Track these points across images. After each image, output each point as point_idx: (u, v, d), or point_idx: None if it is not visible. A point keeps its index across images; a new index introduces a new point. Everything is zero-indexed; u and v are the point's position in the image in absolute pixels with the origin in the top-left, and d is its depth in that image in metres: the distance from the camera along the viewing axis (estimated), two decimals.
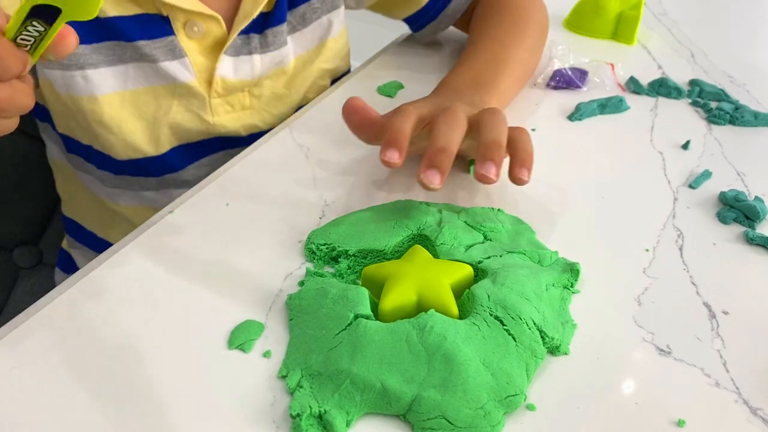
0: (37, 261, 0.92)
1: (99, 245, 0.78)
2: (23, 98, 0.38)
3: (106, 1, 0.58)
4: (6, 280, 0.95)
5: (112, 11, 0.60)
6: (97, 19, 0.55)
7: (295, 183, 0.59)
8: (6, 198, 0.89)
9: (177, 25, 0.62)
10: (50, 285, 0.85)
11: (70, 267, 0.84)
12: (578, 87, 0.75)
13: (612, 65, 0.79)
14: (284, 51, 0.70)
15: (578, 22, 0.90)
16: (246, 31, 0.66)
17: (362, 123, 0.55)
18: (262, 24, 0.67)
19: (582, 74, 0.76)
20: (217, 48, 0.65)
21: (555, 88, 0.75)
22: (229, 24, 0.65)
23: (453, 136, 0.51)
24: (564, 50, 0.79)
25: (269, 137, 0.66)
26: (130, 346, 0.44)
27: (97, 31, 0.60)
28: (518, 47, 0.71)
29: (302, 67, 0.72)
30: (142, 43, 0.61)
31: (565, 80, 0.75)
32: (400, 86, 0.75)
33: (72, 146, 0.69)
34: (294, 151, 0.64)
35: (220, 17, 0.63)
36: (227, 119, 0.68)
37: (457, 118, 0.52)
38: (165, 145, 0.67)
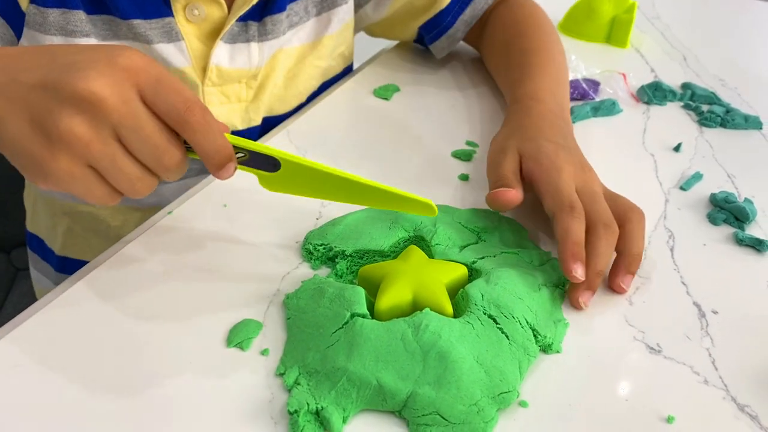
0: None
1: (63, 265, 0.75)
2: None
3: None
4: (3, 281, 0.96)
5: None
6: None
7: None
8: (3, 199, 0.90)
9: (177, 7, 0.61)
10: None
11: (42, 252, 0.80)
12: (592, 98, 0.75)
13: (624, 75, 0.79)
14: (282, 40, 0.68)
15: (572, 26, 0.91)
16: (244, 18, 0.64)
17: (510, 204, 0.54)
18: (261, 11, 0.66)
19: (594, 85, 0.77)
20: (214, 34, 0.64)
21: (570, 99, 0.75)
22: (228, 8, 0.63)
23: (608, 258, 0.50)
24: (576, 61, 0.79)
25: (267, 139, 0.66)
26: (129, 344, 0.44)
27: (94, 0, 0.59)
28: (564, 65, 0.74)
29: (299, 60, 0.71)
30: (137, 22, 0.60)
31: (579, 92, 0.75)
32: (397, 89, 0.75)
33: None
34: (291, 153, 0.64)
35: (222, 1, 0.62)
36: (222, 110, 0.67)
37: (614, 234, 0.50)
38: None
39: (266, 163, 0.45)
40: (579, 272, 0.48)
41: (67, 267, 0.74)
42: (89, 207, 0.70)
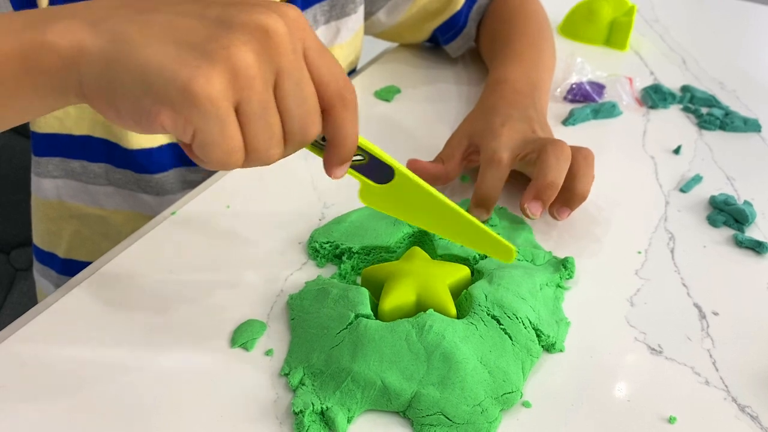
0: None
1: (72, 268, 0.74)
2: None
3: None
4: (3, 281, 0.96)
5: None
6: None
7: (294, 186, 0.60)
8: (4, 200, 0.90)
9: None
10: None
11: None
12: (594, 101, 0.75)
13: (630, 79, 0.79)
14: None
15: (572, 29, 0.92)
16: None
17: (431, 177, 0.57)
18: None
19: (599, 88, 0.77)
20: None
21: (572, 101, 0.76)
22: None
23: (562, 172, 0.51)
24: (582, 63, 0.80)
25: None
26: (134, 344, 0.44)
27: None
28: (550, 51, 0.76)
29: None
30: None
31: (582, 93, 0.76)
32: (398, 90, 0.76)
33: (65, 141, 0.66)
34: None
35: None
36: None
37: (565, 151, 0.52)
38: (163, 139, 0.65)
39: (380, 173, 0.41)
40: (477, 215, 0.52)
41: (72, 269, 0.74)
42: (99, 210, 0.69)
